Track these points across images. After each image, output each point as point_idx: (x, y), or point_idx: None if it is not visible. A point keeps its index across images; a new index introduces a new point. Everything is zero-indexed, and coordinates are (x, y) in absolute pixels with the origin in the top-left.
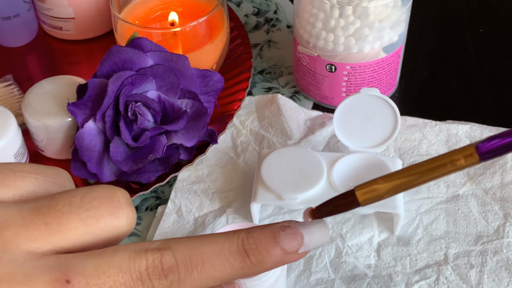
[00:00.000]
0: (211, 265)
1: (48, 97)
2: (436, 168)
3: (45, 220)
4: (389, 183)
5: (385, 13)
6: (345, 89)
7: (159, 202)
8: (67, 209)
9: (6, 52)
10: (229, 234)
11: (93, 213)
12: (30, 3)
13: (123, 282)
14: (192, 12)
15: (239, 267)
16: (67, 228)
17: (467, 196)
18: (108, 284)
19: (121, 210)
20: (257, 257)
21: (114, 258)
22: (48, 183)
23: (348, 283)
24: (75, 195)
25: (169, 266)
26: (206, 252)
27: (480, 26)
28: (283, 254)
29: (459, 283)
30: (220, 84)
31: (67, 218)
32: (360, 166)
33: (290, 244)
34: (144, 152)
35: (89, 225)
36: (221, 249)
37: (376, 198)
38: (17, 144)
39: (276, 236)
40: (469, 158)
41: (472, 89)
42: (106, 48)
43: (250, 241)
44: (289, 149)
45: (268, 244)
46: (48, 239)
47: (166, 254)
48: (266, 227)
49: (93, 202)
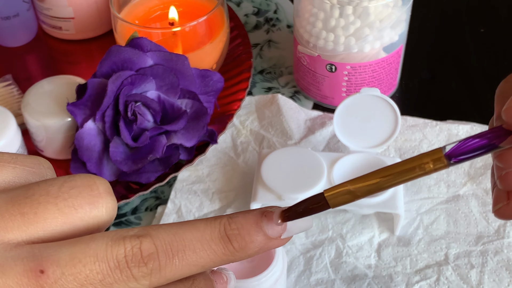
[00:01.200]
0: (193, 251)
1: (48, 97)
2: (405, 171)
3: (21, 210)
4: (358, 185)
5: (385, 13)
6: (345, 89)
7: (159, 202)
8: (44, 198)
9: (6, 52)
10: (211, 220)
11: (71, 202)
12: (29, 3)
13: (100, 271)
14: (192, 12)
15: (221, 253)
16: (43, 218)
17: (468, 196)
18: (84, 274)
19: (101, 199)
20: (240, 243)
21: (90, 246)
22: (27, 172)
23: (348, 283)
24: (53, 184)
25: (148, 253)
26: (187, 238)
27: (480, 26)
28: (266, 240)
29: (459, 283)
30: (220, 84)
31: (43, 208)
32: (360, 166)
33: (273, 230)
34: (144, 152)
35: (67, 215)
36: (203, 235)
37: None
38: (17, 144)
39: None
40: (437, 162)
41: (472, 89)
42: (105, 48)
43: (232, 227)
44: (289, 149)
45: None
46: (24, 229)
47: (146, 241)
48: (249, 212)
49: (71, 192)
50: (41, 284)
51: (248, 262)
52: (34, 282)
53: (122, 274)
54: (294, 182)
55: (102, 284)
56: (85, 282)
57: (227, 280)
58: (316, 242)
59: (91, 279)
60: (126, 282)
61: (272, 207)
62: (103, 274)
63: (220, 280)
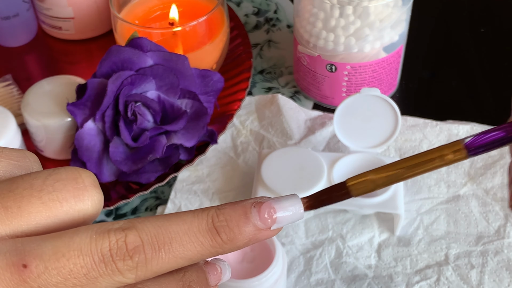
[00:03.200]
0: (180, 244)
1: (48, 97)
2: (425, 162)
3: (4, 204)
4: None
5: (385, 13)
6: (345, 89)
7: (159, 203)
8: (28, 192)
9: (6, 52)
10: (198, 211)
11: (56, 196)
12: (29, 2)
13: (84, 265)
14: (192, 12)
15: (209, 246)
16: (27, 212)
17: (468, 196)
18: (68, 268)
19: (86, 192)
20: (228, 234)
21: (74, 240)
22: (12, 165)
23: (348, 283)
24: (37, 178)
25: (134, 246)
26: (173, 231)
27: (480, 26)
28: (255, 231)
29: (459, 284)
30: (220, 84)
31: (27, 202)
32: (361, 166)
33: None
34: (143, 152)
35: (51, 208)
36: (190, 227)
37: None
38: (17, 144)
39: (248, 212)
40: (457, 153)
41: (472, 89)
42: (105, 48)
43: (220, 218)
44: (289, 149)
45: (240, 221)
46: (8, 223)
47: (131, 234)
48: (237, 203)
49: (55, 185)
50: (24, 278)
51: (248, 262)
52: (17, 277)
53: (107, 268)
54: (294, 182)
55: (87, 278)
56: (69, 276)
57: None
58: (316, 242)
59: (75, 273)
60: (111, 275)
61: (261, 198)
62: (88, 268)
63: (214, 272)
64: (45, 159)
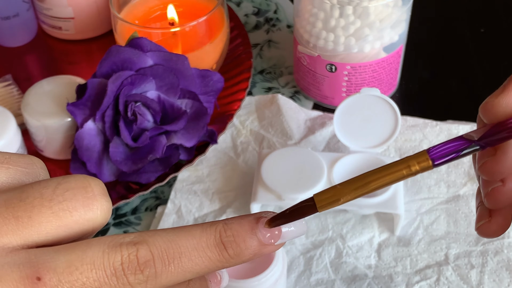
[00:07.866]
0: (189, 258)
1: (48, 97)
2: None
3: (15, 214)
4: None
5: (385, 13)
6: (345, 89)
7: (159, 203)
8: (38, 201)
9: (6, 52)
10: (206, 226)
11: (66, 205)
12: (29, 2)
13: (97, 279)
14: (192, 12)
15: (216, 260)
16: (38, 221)
17: (468, 196)
18: (81, 281)
19: (96, 201)
20: (235, 249)
21: (87, 253)
22: (20, 173)
23: (348, 283)
24: (47, 187)
25: (145, 260)
26: (183, 245)
27: (480, 26)
28: (260, 246)
29: (459, 284)
30: (220, 84)
31: (38, 211)
32: (361, 166)
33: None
34: (143, 152)
35: (61, 218)
36: (199, 242)
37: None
38: (17, 144)
39: (254, 227)
40: (423, 163)
41: (472, 89)
42: (105, 48)
43: (228, 233)
44: (289, 149)
45: (246, 236)
46: (19, 233)
47: (142, 248)
48: (244, 218)
49: (65, 194)
50: None
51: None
52: None
53: (118, 282)
54: (294, 182)
55: None
56: None
57: (220, 279)
58: (316, 242)
59: (87, 287)
60: None
61: (266, 213)
62: (100, 281)
63: (214, 280)
64: (45, 159)
